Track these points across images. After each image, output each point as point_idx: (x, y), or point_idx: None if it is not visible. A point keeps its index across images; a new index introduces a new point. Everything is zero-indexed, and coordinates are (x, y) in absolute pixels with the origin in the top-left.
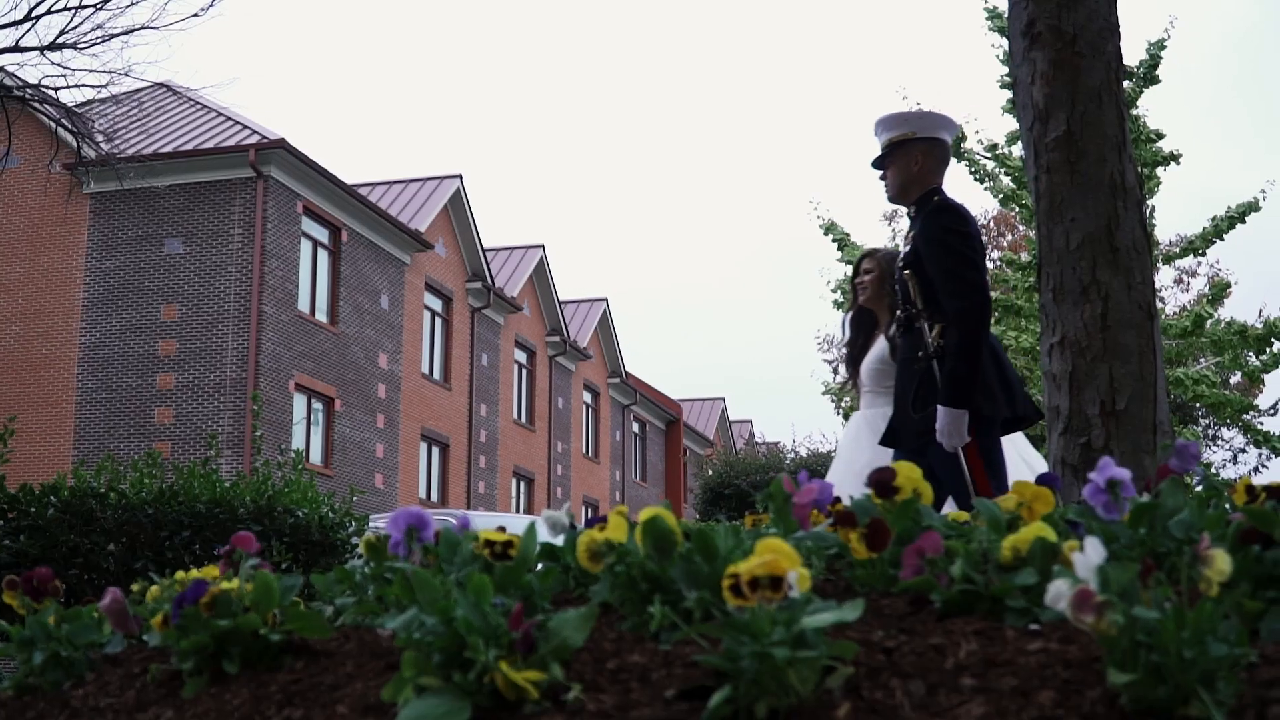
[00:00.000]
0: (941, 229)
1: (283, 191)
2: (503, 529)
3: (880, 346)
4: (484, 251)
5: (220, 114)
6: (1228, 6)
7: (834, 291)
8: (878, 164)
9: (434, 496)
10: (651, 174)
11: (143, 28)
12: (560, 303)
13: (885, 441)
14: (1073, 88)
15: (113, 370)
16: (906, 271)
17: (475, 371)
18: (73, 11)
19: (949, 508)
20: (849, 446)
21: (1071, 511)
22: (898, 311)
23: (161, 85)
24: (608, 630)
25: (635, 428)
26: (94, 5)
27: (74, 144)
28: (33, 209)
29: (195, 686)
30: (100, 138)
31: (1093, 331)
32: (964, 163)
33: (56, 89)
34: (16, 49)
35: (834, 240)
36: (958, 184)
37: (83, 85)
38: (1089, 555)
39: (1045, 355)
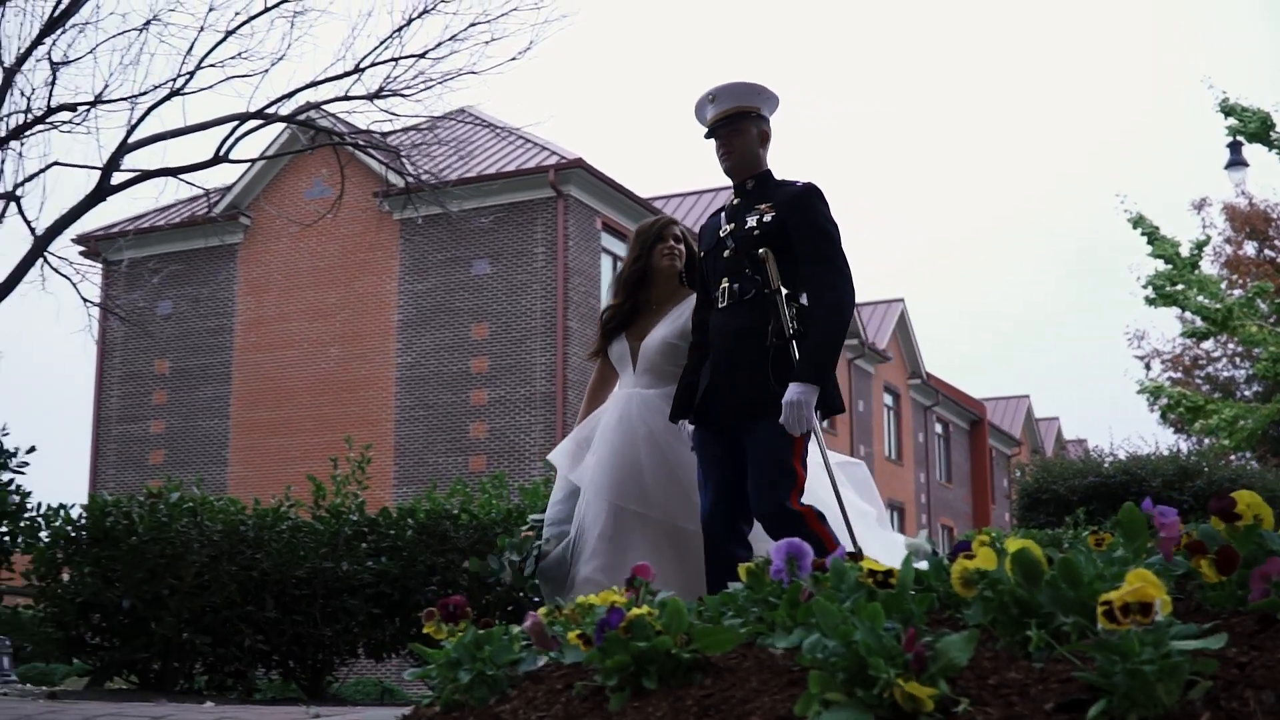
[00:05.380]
0: (823, 216)
1: (582, 209)
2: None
3: (677, 323)
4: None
5: (519, 136)
6: None
7: (1145, 287)
8: (717, 131)
9: None
10: (946, 170)
11: (462, 73)
12: (856, 305)
13: (693, 418)
14: None
15: (428, 388)
16: (763, 249)
17: None
18: (394, 62)
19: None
20: (631, 424)
21: None
22: (732, 284)
23: (462, 111)
24: (983, 649)
25: (938, 429)
26: (416, 55)
27: (394, 177)
28: (346, 237)
29: (619, 701)
30: (423, 174)
31: None
32: (1274, 152)
33: (385, 134)
34: (346, 98)
35: (1143, 234)
36: (1273, 173)
37: (408, 130)
38: None
39: None
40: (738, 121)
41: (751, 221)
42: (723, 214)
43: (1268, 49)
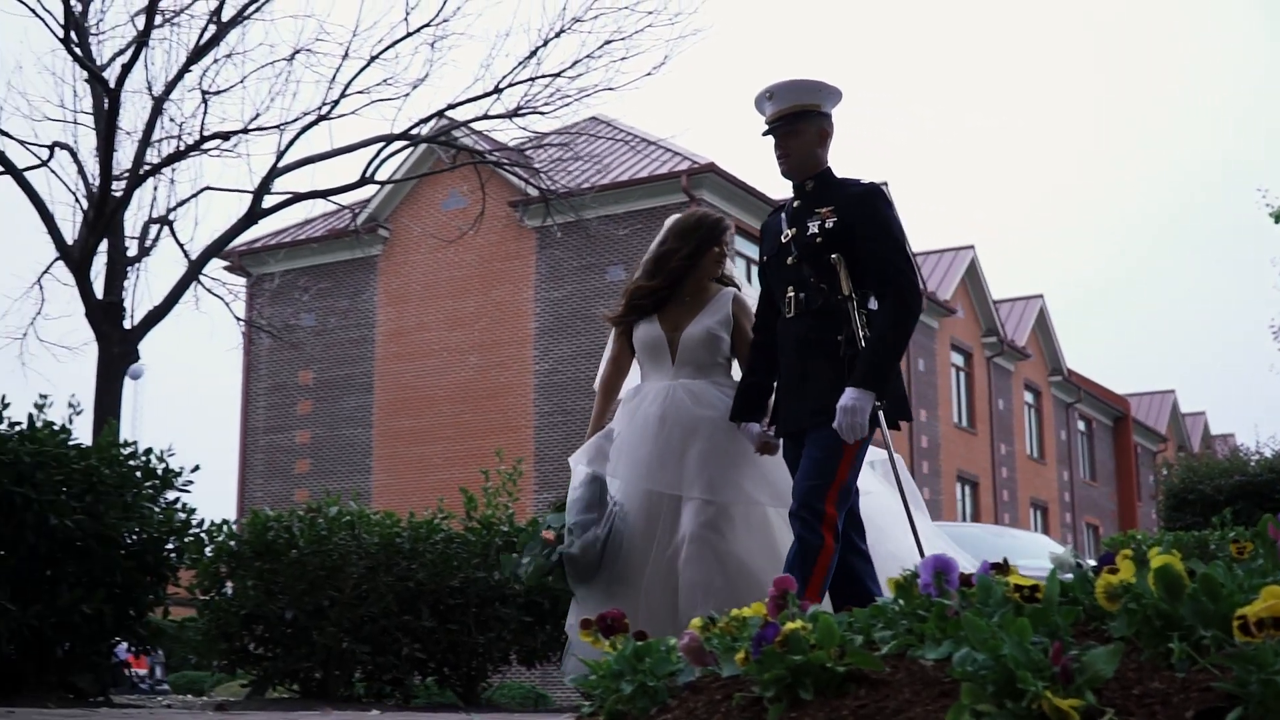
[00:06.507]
0: (888, 219)
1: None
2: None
3: (719, 314)
4: (914, 256)
5: (651, 143)
6: None
7: None
8: (777, 130)
9: None
10: (1084, 162)
11: (598, 89)
12: (994, 303)
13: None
14: None
15: (566, 394)
16: (834, 255)
17: (913, 376)
18: (531, 81)
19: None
20: (683, 414)
21: None
22: (797, 294)
23: (594, 119)
24: (1128, 661)
25: (1081, 426)
26: (553, 74)
27: (531, 188)
28: (483, 246)
29: (777, 712)
30: (560, 187)
31: None
32: None
33: (522, 148)
34: (485, 117)
35: None
36: None
37: (546, 145)
38: None
39: None
40: (796, 121)
41: (813, 227)
42: (783, 215)
43: None
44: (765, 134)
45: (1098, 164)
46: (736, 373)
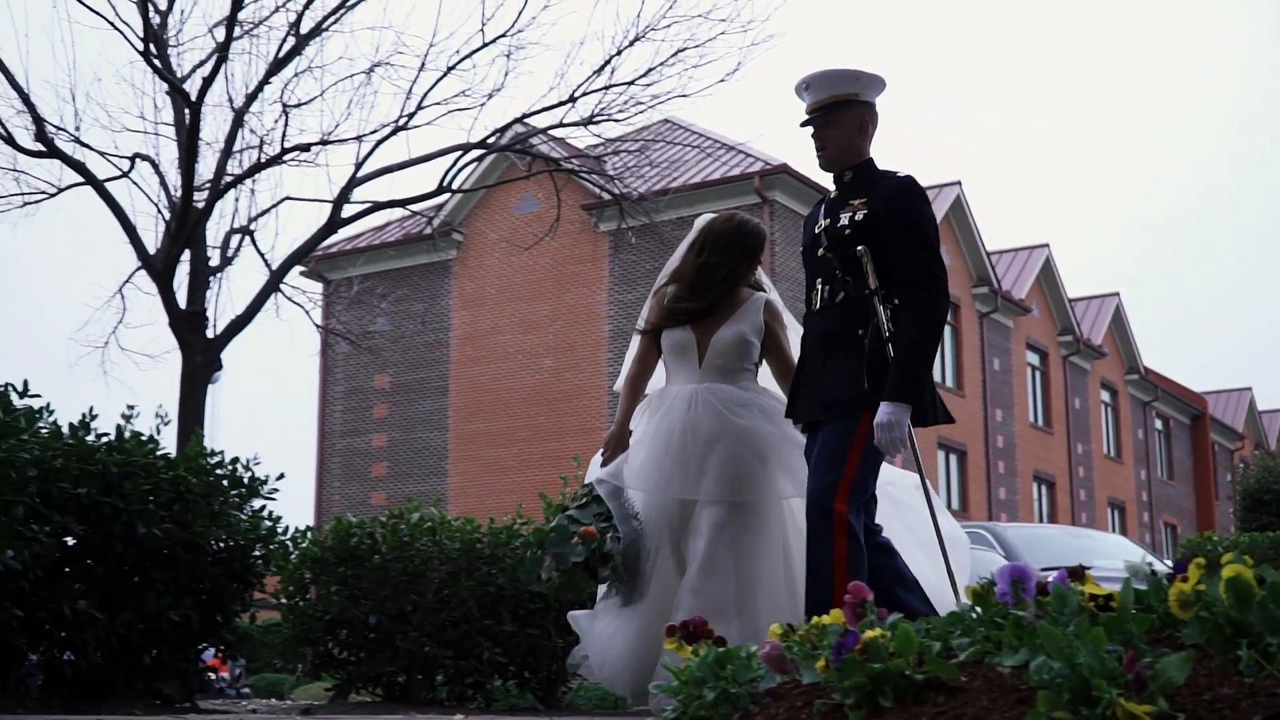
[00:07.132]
0: (918, 215)
1: (788, 215)
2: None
3: (750, 319)
4: (988, 255)
5: (722, 144)
6: None
7: None
8: (815, 121)
9: (954, 504)
10: (1163, 157)
11: (671, 96)
12: (1070, 301)
13: (791, 414)
14: None
15: None
16: (860, 247)
17: (988, 376)
18: (605, 90)
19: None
20: (709, 419)
21: None
22: (824, 286)
23: (666, 121)
24: (1200, 667)
25: (1158, 425)
26: (627, 83)
27: (604, 193)
28: (557, 250)
29: (857, 718)
30: (634, 192)
31: None
32: None
33: (598, 157)
34: (560, 125)
35: None
36: None
37: (620, 152)
38: None
39: None
40: (834, 112)
41: (844, 219)
42: (822, 206)
43: None
44: (803, 125)
45: (1179, 154)
46: (763, 378)
